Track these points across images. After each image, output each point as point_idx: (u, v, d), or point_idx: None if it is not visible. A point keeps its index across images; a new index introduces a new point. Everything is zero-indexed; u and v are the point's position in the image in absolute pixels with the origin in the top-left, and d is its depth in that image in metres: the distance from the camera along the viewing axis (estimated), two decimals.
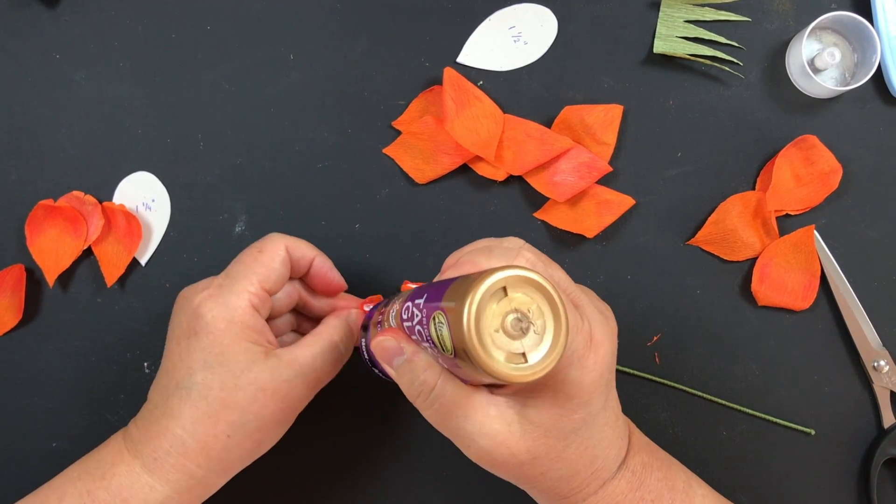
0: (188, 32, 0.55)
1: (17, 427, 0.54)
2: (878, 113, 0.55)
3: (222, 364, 0.42)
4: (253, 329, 0.44)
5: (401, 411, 0.55)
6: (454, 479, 0.54)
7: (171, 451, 0.42)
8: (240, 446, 0.43)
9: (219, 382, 0.42)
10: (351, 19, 0.55)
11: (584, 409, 0.38)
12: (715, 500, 0.45)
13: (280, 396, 0.43)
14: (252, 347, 0.43)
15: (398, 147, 0.55)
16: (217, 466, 0.43)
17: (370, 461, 0.55)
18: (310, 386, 0.45)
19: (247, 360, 0.43)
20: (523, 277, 0.32)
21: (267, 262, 0.45)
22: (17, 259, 0.55)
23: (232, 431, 0.43)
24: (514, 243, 0.40)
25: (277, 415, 0.44)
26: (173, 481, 0.43)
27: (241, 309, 0.43)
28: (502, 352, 0.32)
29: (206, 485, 0.44)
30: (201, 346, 0.43)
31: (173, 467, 0.42)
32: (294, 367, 0.44)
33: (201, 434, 0.42)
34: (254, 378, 0.42)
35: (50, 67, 0.55)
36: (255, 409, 0.43)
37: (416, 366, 0.37)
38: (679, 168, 0.55)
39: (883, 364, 0.54)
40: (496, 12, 0.55)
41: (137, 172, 0.55)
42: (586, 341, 0.37)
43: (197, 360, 0.43)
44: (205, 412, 0.42)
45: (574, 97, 0.55)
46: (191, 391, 0.42)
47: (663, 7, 0.55)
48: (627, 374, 0.54)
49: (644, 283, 0.55)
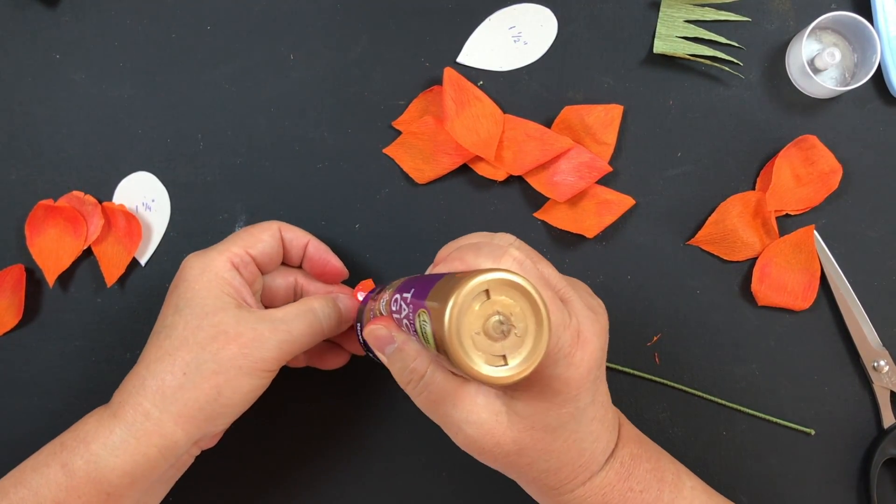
0: (188, 32, 0.55)
1: (17, 427, 0.54)
2: (878, 113, 0.55)
3: (190, 306, 0.44)
4: (228, 283, 0.45)
5: (398, 406, 0.55)
6: (455, 477, 0.54)
7: (132, 391, 0.43)
8: (196, 387, 0.42)
9: (183, 322, 0.43)
10: (351, 19, 0.55)
11: (572, 404, 0.38)
12: (704, 491, 0.45)
13: (243, 342, 0.43)
14: (223, 296, 0.44)
15: (398, 147, 0.55)
16: (172, 408, 0.42)
17: (365, 454, 0.55)
18: (279, 338, 0.44)
19: (214, 306, 0.43)
20: (506, 280, 0.32)
21: (255, 232, 0.48)
22: (17, 259, 0.55)
23: (188, 370, 0.42)
24: (505, 240, 0.40)
25: (238, 360, 0.43)
26: (130, 422, 0.42)
27: (218, 261, 0.45)
28: (483, 354, 0.32)
29: (163, 432, 0.42)
30: (178, 293, 0.45)
31: (131, 408, 0.43)
32: (263, 318, 0.44)
33: (160, 371, 0.43)
34: (217, 321, 0.43)
35: (50, 67, 0.55)
36: (213, 348, 0.42)
37: (407, 354, 0.38)
38: (679, 168, 0.55)
39: (883, 364, 0.54)
40: (496, 12, 0.55)
41: (137, 172, 0.55)
42: (573, 338, 0.37)
43: (171, 307, 0.45)
44: (166, 351, 0.43)
45: (574, 97, 0.55)
46: (159, 334, 0.44)
47: (663, 7, 0.55)
48: (627, 374, 0.54)
49: (644, 283, 0.55)
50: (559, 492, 0.41)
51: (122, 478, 0.42)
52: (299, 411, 0.54)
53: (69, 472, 0.42)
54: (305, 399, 0.54)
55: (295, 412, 0.54)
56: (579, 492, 0.41)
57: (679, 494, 0.43)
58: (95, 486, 0.42)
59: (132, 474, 0.42)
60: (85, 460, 0.42)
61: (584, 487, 0.41)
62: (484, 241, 0.39)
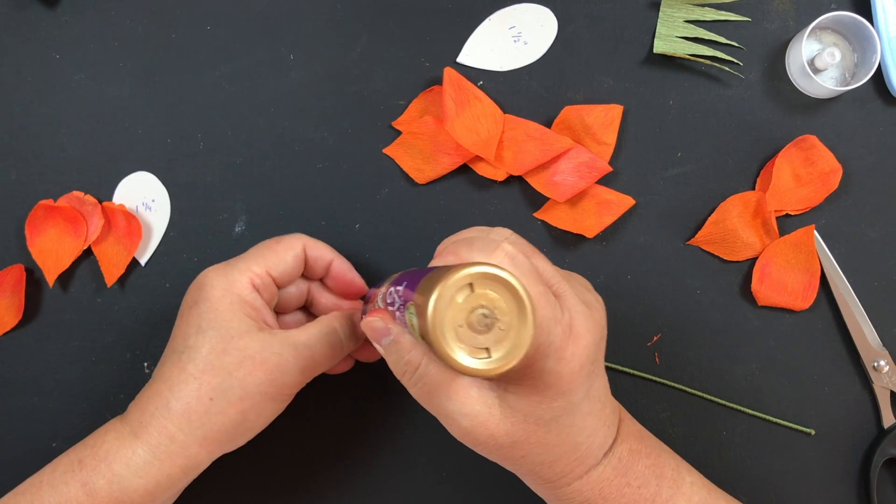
0: (188, 32, 0.55)
1: (17, 427, 0.54)
2: (878, 113, 0.55)
3: (214, 328, 0.43)
4: (250, 305, 0.44)
5: (399, 408, 0.55)
6: (455, 477, 0.54)
7: (156, 413, 0.43)
8: (222, 413, 0.43)
9: (208, 345, 0.43)
10: (351, 19, 0.55)
11: (564, 399, 0.38)
12: (704, 487, 0.45)
13: (268, 368, 0.43)
14: (246, 319, 0.44)
15: (398, 147, 0.55)
16: (198, 432, 0.43)
17: (366, 454, 0.55)
18: (302, 364, 0.44)
19: (239, 329, 0.43)
20: (490, 274, 0.33)
21: (280, 251, 0.46)
22: (17, 259, 0.55)
23: (215, 395, 0.42)
24: (500, 234, 0.40)
25: (264, 386, 0.43)
26: (154, 445, 0.42)
27: (240, 283, 0.44)
28: (466, 346, 0.33)
29: (187, 454, 0.43)
30: (199, 312, 0.44)
31: (156, 430, 0.42)
32: (287, 342, 0.44)
33: (184, 395, 0.42)
34: (243, 345, 0.43)
35: (50, 67, 0.55)
36: (240, 374, 0.43)
37: (402, 346, 0.38)
38: (679, 168, 0.55)
39: (883, 364, 0.54)
40: (496, 12, 0.55)
41: (137, 172, 0.55)
42: (565, 333, 0.37)
43: (192, 326, 0.44)
44: (191, 374, 0.43)
45: (574, 97, 0.55)
46: (182, 354, 0.43)
47: (663, 7, 0.55)
48: (627, 374, 0.54)
49: (644, 283, 0.55)
50: (556, 485, 0.41)
51: (144, 497, 0.42)
52: (303, 414, 0.54)
53: (90, 491, 0.42)
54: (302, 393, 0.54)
55: (292, 408, 0.54)
56: (576, 485, 0.41)
57: (678, 491, 0.43)
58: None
59: (153, 493, 0.43)
60: (107, 480, 0.42)
61: (580, 481, 0.41)
62: (479, 236, 0.40)
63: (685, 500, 0.43)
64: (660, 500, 0.42)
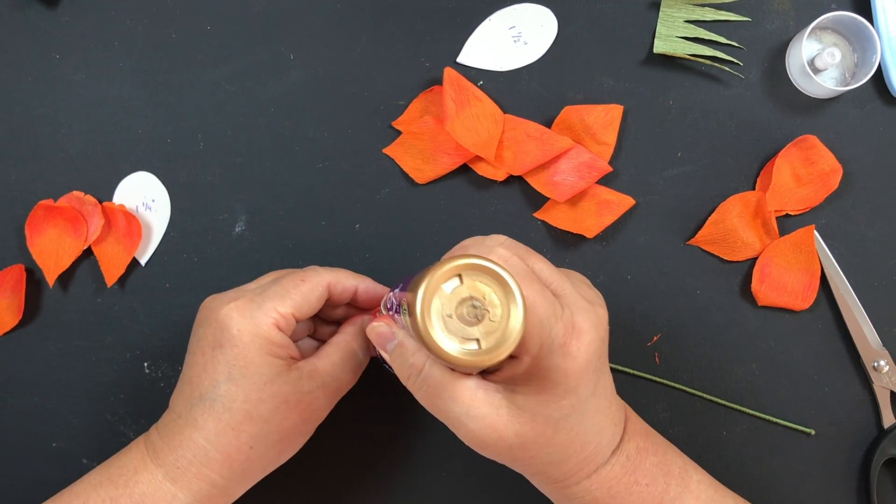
0: (188, 32, 0.55)
1: (17, 427, 0.54)
2: (878, 113, 0.55)
3: (246, 377, 0.43)
4: (277, 344, 0.44)
5: (401, 409, 0.55)
6: (455, 477, 0.54)
7: (194, 460, 0.43)
8: (262, 457, 0.44)
9: (242, 395, 0.43)
10: (351, 19, 0.55)
11: (572, 396, 0.38)
12: (711, 485, 0.45)
13: (302, 408, 0.44)
14: (275, 361, 0.44)
15: (398, 147, 0.55)
16: (239, 476, 0.44)
17: (368, 453, 0.55)
18: (331, 395, 0.46)
19: (270, 374, 0.43)
20: (477, 265, 0.33)
21: (306, 293, 0.45)
22: (18, 259, 0.55)
23: (254, 443, 0.43)
24: (495, 241, 0.40)
25: (299, 426, 0.44)
26: (195, 490, 0.43)
27: (266, 325, 0.44)
28: (456, 337, 0.33)
29: (227, 494, 0.45)
30: (226, 358, 0.43)
31: (195, 476, 0.43)
32: (315, 378, 0.44)
33: (224, 445, 0.43)
34: (276, 390, 0.43)
35: (50, 67, 0.55)
36: (277, 420, 0.43)
37: (406, 350, 0.39)
38: (679, 168, 0.55)
39: (883, 364, 0.54)
40: (496, 12, 0.55)
41: (137, 172, 0.55)
42: (567, 329, 0.38)
43: (221, 373, 0.43)
44: (228, 423, 0.43)
45: (574, 97, 0.55)
46: (215, 403, 0.43)
47: (663, 7, 0.55)
48: (627, 374, 0.54)
49: (644, 283, 0.55)
50: (564, 484, 0.41)
51: None
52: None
53: None
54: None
55: None
56: (585, 484, 0.41)
57: (686, 489, 0.43)
58: None
59: None
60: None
61: (589, 480, 0.41)
62: (473, 243, 0.40)
63: (693, 497, 0.43)
64: (668, 497, 0.42)
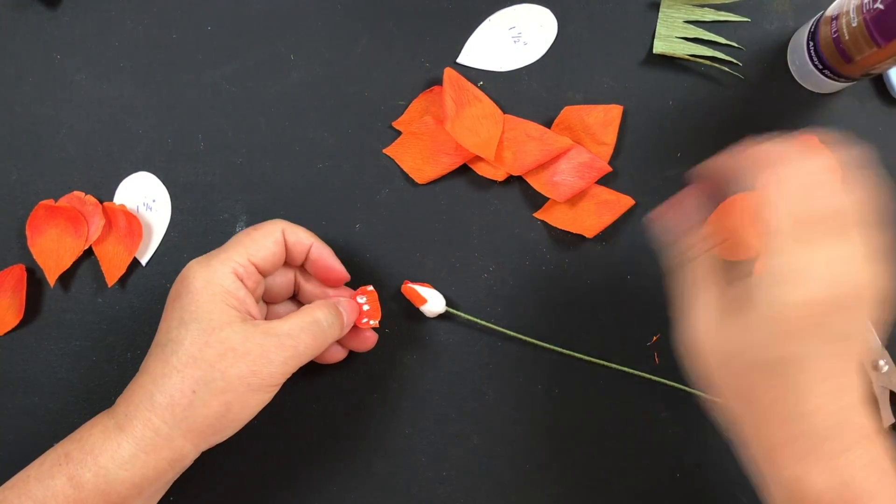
0: (188, 32, 0.55)
1: (17, 427, 0.54)
2: (878, 113, 0.55)
3: (196, 320, 0.43)
4: (232, 295, 0.44)
5: (396, 402, 0.55)
6: (455, 477, 0.54)
7: (141, 405, 0.43)
8: (205, 405, 0.43)
9: (190, 338, 0.43)
10: (351, 19, 0.55)
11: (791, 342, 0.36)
12: None
13: (251, 359, 0.43)
14: (228, 310, 0.44)
15: (398, 147, 0.55)
16: (182, 425, 0.43)
17: (364, 451, 0.55)
18: (285, 354, 0.44)
19: (220, 321, 0.43)
20: None
21: (259, 238, 0.47)
22: (18, 259, 0.55)
23: (198, 387, 0.43)
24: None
25: (247, 377, 0.43)
26: (139, 437, 0.43)
27: (222, 273, 0.44)
28: None
29: (172, 446, 0.43)
30: (181, 304, 0.44)
31: (140, 422, 0.43)
32: (269, 333, 0.44)
33: (168, 388, 0.43)
34: (225, 337, 0.43)
35: (50, 67, 0.55)
36: (222, 366, 0.43)
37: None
38: (679, 168, 0.55)
39: (883, 364, 0.54)
40: (496, 12, 0.55)
41: (138, 173, 0.55)
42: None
43: (175, 319, 0.44)
44: (174, 366, 0.43)
45: (574, 97, 0.55)
46: (165, 347, 0.44)
47: (663, 7, 0.55)
48: (627, 373, 0.54)
49: (644, 283, 0.55)
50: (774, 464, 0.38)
51: (130, 489, 0.43)
52: (297, 406, 0.54)
53: (77, 485, 0.42)
54: (303, 393, 0.54)
55: (292, 407, 0.54)
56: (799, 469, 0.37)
57: None
58: (104, 498, 0.42)
59: (140, 485, 0.43)
60: (93, 473, 0.42)
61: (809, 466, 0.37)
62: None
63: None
64: None
